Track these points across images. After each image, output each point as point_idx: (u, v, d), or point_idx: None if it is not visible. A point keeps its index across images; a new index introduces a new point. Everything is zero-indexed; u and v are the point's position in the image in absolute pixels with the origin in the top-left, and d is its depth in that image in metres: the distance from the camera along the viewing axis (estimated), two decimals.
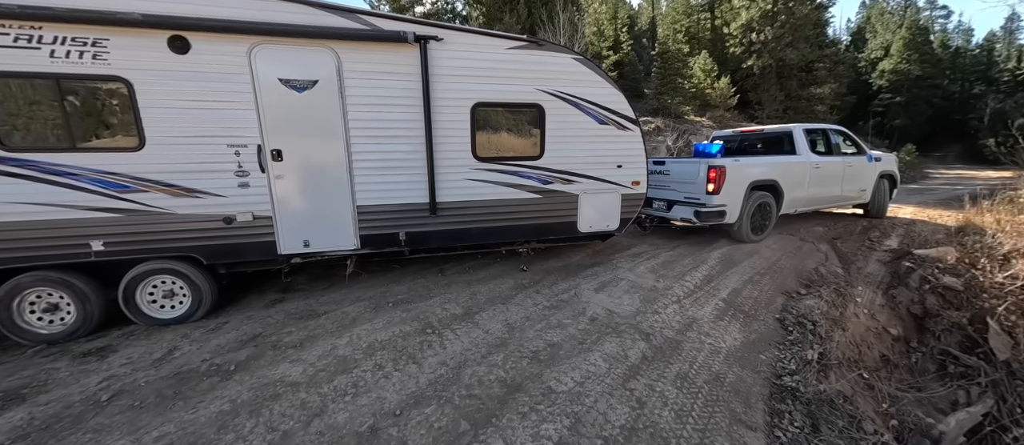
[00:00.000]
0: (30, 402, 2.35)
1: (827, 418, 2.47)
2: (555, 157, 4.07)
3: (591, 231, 4.44)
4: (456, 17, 18.53)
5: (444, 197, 3.79)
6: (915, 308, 3.98)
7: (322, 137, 3.37)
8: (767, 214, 5.53)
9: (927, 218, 7.38)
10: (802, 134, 5.88)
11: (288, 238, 3.43)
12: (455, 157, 3.76)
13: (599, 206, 4.37)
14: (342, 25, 3.23)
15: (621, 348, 2.90)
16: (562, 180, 4.15)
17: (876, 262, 5.03)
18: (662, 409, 2.30)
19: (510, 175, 3.96)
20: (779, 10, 18.39)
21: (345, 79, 3.31)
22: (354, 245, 3.65)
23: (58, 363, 2.78)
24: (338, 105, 3.34)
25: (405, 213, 3.73)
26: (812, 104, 19.46)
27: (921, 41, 28.77)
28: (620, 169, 4.33)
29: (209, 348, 2.93)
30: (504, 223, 4.09)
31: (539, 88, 3.86)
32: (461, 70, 3.61)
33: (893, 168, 7.17)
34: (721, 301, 3.74)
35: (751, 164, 5.43)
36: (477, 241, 4.14)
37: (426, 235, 3.87)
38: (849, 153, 6.46)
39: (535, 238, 4.47)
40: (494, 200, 3.96)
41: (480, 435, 2.07)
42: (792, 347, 3.12)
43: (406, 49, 3.40)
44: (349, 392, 2.40)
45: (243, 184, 3.21)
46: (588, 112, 4.07)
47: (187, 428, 2.11)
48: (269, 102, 3.18)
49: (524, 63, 3.78)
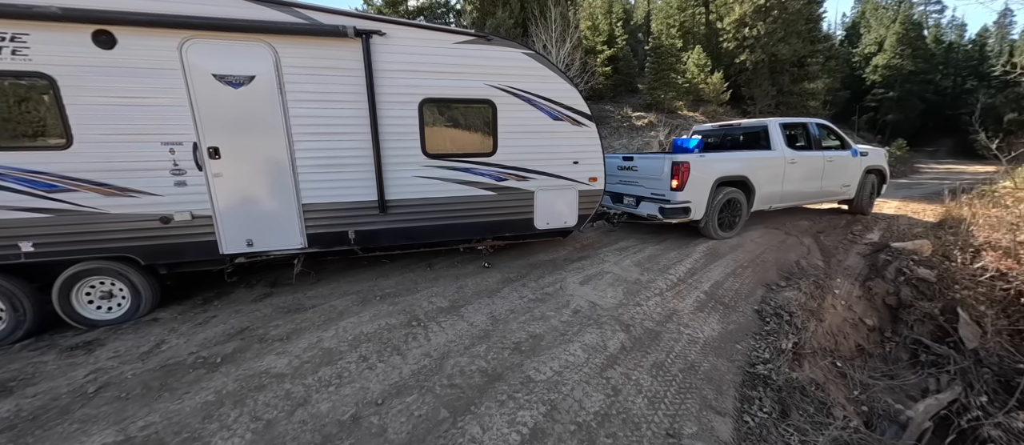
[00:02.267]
0: (17, 394, 2.40)
1: (798, 404, 2.56)
2: (508, 154, 4.04)
3: (548, 228, 4.43)
4: (450, 12, 18.43)
5: (393, 195, 3.75)
6: (890, 299, 4.09)
7: (262, 134, 3.30)
8: (737, 211, 5.46)
9: (910, 212, 7.51)
10: (778, 128, 5.77)
11: (230, 237, 3.37)
12: (404, 154, 3.71)
13: (556, 203, 4.36)
14: (278, 19, 3.14)
15: (601, 339, 2.98)
16: (516, 177, 4.13)
17: (856, 255, 5.14)
18: (636, 396, 2.38)
19: (462, 172, 3.93)
20: (772, 5, 18.44)
21: (284, 75, 3.25)
22: (301, 244, 3.60)
23: (46, 356, 2.82)
24: (278, 101, 3.27)
25: (353, 211, 3.68)
26: (805, 99, 19.58)
27: (915, 36, 28.93)
28: (577, 165, 4.31)
29: (196, 341, 2.98)
30: (458, 221, 4.06)
31: (490, 84, 3.82)
32: (407, 65, 3.55)
33: (881, 163, 7.05)
34: (702, 293, 3.83)
35: (718, 160, 5.35)
36: (430, 239, 4.12)
37: (376, 234, 3.83)
38: (832, 147, 6.39)
39: (491, 236, 4.47)
40: (446, 197, 3.93)
41: (458, 422, 2.14)
42: (768, 337, 3.20)
43: (347, 44, 3.33)
44: (333, 383, 2.46)
45: (180, 183, 3.14)
46: (541, 108, 4.04)
47: (172, 418, 2.16)
48: (203, 98, 3.10)
49: (473, 58, 3.73)
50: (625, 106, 17.76)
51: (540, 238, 4.92)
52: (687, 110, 17.94)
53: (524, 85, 3.93)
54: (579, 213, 4.48)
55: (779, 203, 5.90)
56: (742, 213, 5.48)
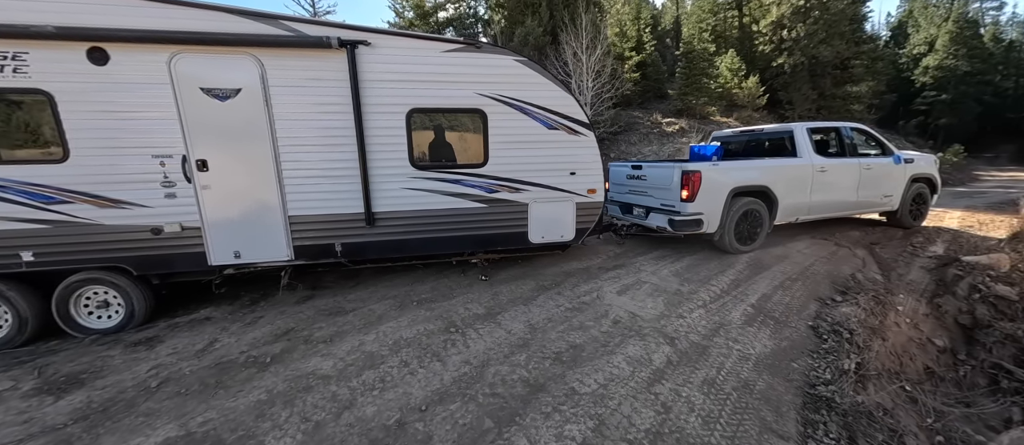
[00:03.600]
0: (88, 386, 2.55)
1: (865, 431, 2.36)
2: (500, 164, 3.92)
3: (544, 242, 4.26)
4: (478, 22, 18.73)
5: (381, 207, 3.69)
6: (963, 318, 3.74)
7: (249, 147, 3.30)
8: (757, 223, 5.02)
9: (977, 223, 6.90)
10: (805, 134, 5.30)
11: (218, 249, 3.37)
12: (391, 166, 3.65)
13: (551, 215, 4.18)
14: (263, 32, 3.15)
15: (645, 352, 2.87)
16: (509, 188, 3.99)
17: (919, 269, 4.75)
18: (688, 415, 2.26)
19: (452, 184, 3.83)
20: (813, 5, 17.64)
21: (270, 87, 3.24)
22: (288, 256, 3.56)
23: (112, 351, 2.99)
24: (264, 114, 3.27)
25: (340, 224, 3.62)
26: (847, 103, 18.54)
27: (970, 35, 26.92)
28: (573, 176, 4.14)
29: (246, 341, 3.09)
30: (448, 234, 3.95)
31: (479, 92, 3.72)
32: (394, 75, 3.50)
33: (930, 170, 6.31)
34: (750, 307, 3.63)
35: (734, 168, 4.95)
36: (420, 252, 4.03)
37: (364, 246, 3.76)
38: (871, 154, 5.84)
39: (482, 249, 4.32)
40: (435, 210, 3.84)
41: (504, 433, 2.10)
42: (827, 356, 2.99)
43: (332, 55, 3.30)
44: (376, 386, 2.48)
45: (170, 195, 3.18)
46: (535, 117, 3.90)
47: (228, 415, 2.23)
48: (192, 112, 3.13)
49: (462, 66, 3.65)
50: (655, 112, 17.41)
51: (536, 252, 4.73)
52: (720, 116, 17.39)
53: (516, 93, 3.81)
54: (577, 226, 4.29)
55: (807, 215, 5.43)
56: (763, 225, 5.05)
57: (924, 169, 6.21)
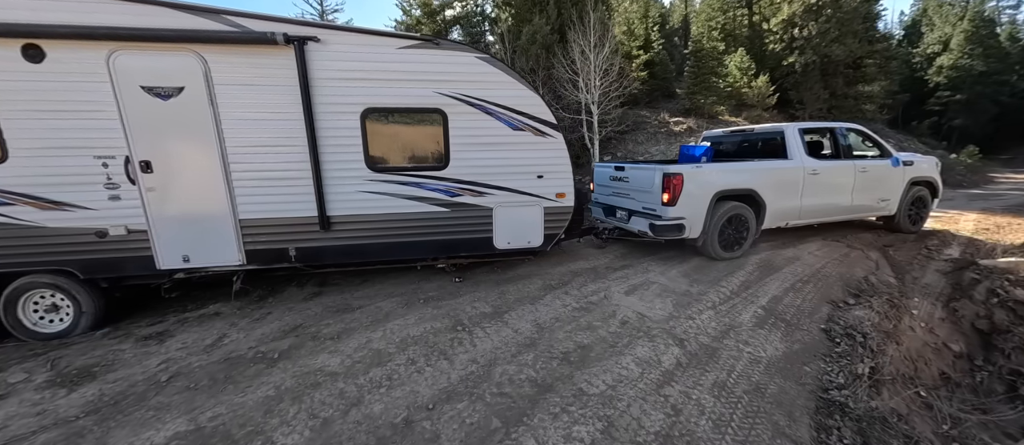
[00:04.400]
0: (100, 380, 2.57)
1: (880, 437, 2.31)
2: (463, 167, 3.76)
3: (510, 248, 4.09)
4: (486, 21, 18.68)
5: (336, 211, 3.54)
6: (981, 323, 3.65)
7: (194, 147, 3.18)
8: (743, 228, 4.78)
9: (994, 226, 6.75)
10: (796, 135, 5.03)
11: (166, 253, 3.25)
12: (346, 168, 3.50)
13: (518, 220, 4.01)
14: (205, 27, 3.01)
15: (654, 353, 2.84)
16: (472, 192, 3.83)
17: (935, 272, 4.65)
18: (699, 417, 2.23)
19: (411, 187, 3.68)
20: (825, 3, 17.34)
21: (215, 85, 3.11)
22: (239, 261, 3.43)
23: (123, 345, 3.03)
24: (209, 113, 3.13)
25: (294, 228, 3.50)
26: (860, 103, 18.23)
27: (986, 34, 26.37)
28: (541, 180, 3.97)
29: (255, 336, 3.11)
30: (408, 239, 3.80)
31: (439, 91, 3.56)
32: (347, 73, 3.35)
33: (931, 174, 5.97)
34: (760, 308, 3.58)
35: (718, 171, 4.71)
36: (379, 257, 3.89)
37: (319, 251, 3.62)
38: (867, 156, 5.59)
39: (446, 255, 4.13)
40: (395, 214, 3.69)
41: (512, 433, 2.08)
42: (840, 360, 2.94)
43: (280, 52, 3.16)
44: (384, 384, 2.48)
45: (114, 197, 3.07)
46: (498, 117, 3.73)
47: (237, 410, 2.24)
48: (133, 111, 3.00)
49: (420, 64, 3.49)
50: (662, 111, 17.28)
51: (503, 258, 4.55)
52: (729, 115, 17.21)
53: (478, 92, 3.64)
54: (545, 232, 4.12)
55: (798, 219, 5.19)
56: (749, 230, 4.82)
57: (924, 172, 5.91)
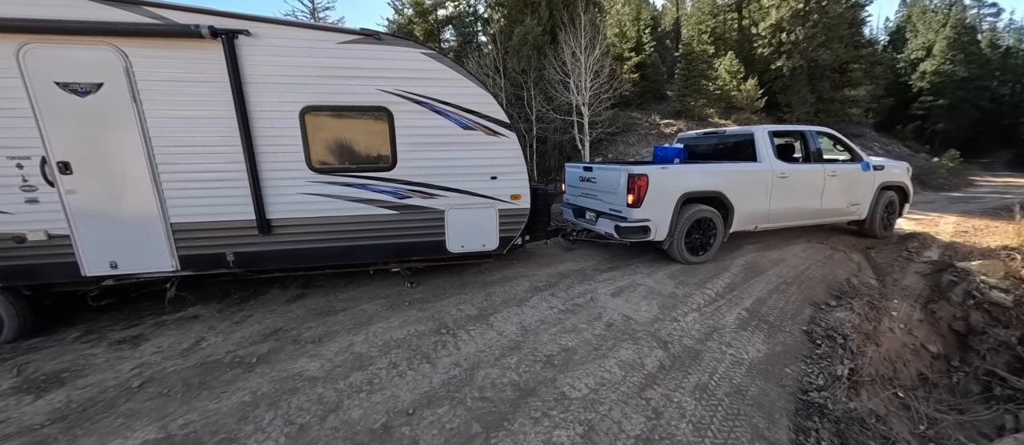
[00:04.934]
0: (69, 385, 2.50)
1: (858, 438, 2.33)
2: (411, 168, 3.63)
3: (464, 251, 3.97)
4: (478, 19, 18.64)
5: (276, 214, 3.39)
6: (957, 324, 3.73)
7: (117, 148, 2.99)
8: (710, 231, 4.75)
9: (971, 228, 6.91)
10: (766, 138, 4.99)
11: (91, 258, 3.07)
12: (285, 169, 3.35)
13: (471, 223, 3.90)
14: (122, 19, 2.82)
15: (638, 356, 2.84)
16: (422, 194, 3.70)
17: (914, 274, 4.74)
18: (680, 420, 2.23)
19: (357, 189, 3.54)
20: (812, 9, 17.63)
21: (137, 81, 2.93)
22: (173, 267, 3.26)
23: (96, 349, 2.94)
24: (132, 111, 2.95)
25: (230, 232, 3.34)
26: (846, 106, 18.55)
27: (967, 41, 27.04)
28: (495, 181, 3.86)
29: (233, 340, 3.04)
30: (356, 242, 3.66)
31: (383, 89, 3.42)
32: (283, 69, 3.20)
33: (902, 179, 5.99)
34: (744, 311, 3.61)
35: (684, 173, 4.69)
36: (325, 262, 3.77)
37: (260, 256, 3.47)
38: (838, 160, 5.60)
39: (397, 259, 4.00)
40: (340, 217, 3.54)
41: (491, 439, 2.06)
42: (820, 361, 2.97)
43: (208, 46, 2.99)
44: (364, 389, 2.44)
45: (31, 200, 2.90)
46: (448, 116, 3.61)
47: (210, 417, 2.18)
48: (48, 109, 2.82)
49: (362, 60, 3.34)
50: (653, 113, 17.41)
51: (457, 262, 4.44)
52: (718, 117, 17.39)
53: (425, 90, 3.52)
54: (500, 235, 4.01)
55: (767, 223, 5.14)
56: (717, 234, 4.78)
57: (894, 177, 5.93)
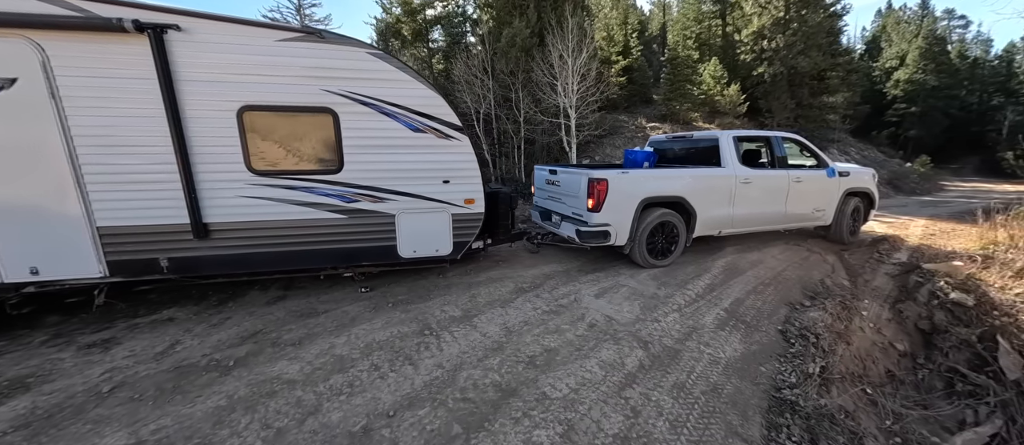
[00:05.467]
0: (35, 391, 2.41)
1: (827, 433, 2.42)
2: (359, 171, 3.51)
3: (416, 256, 3.90)
4: (466, 20, 18.62)
5: (214, 218, 3.26)
6: (923, 323, 3.89)
7: (35, 146, 2.82)
8: (673, 236, 4.75)
9: (939, 231, 7.22)
10: (730, 143, 5.00)
11: (9, 264, 2.92)
12: (222, 172, 3.21)
13: (423, 228, 3.82)
14: (37, 10, 2.67)
15: (619, 356, 2.88)
16: (371, 198, 3.60)
17: (884, 275, 4.93)
18: (657, 419, 2.28)
19: (301, 192, 3.41)
20: (791, 18, 18.18)
21: (56, 77, 2.78)
22: (100, 273, 3.10)
23: (64, 353, 2.84)
24: (50, 109, 2.79)
25: (163, 236, 3.19)
26: (824, 113, 19.16)
27: (938, 51, 28.21)
28: (447, 185, 3.78)
29: (210, 343, 2.98)
30: (301, 247, 3.54)
31: (327, 89, 3.30)
32: (218, 67, 3.06)
33: (867, 185, 6.01)
34: (723, 311, 3.70)
35: (645, 178, 4.66)
36: (269, 268, 3.60)
37: (196, 261, 3.33)
38: (805, 166, 5.63)
39: (346, 264, 3.89)
40: (283, 221, 3.42)
41: (471, 439, 2.07)
42: (794, 360, 3.07)
43: (134, 41, 2.83)
44: (344, 391, 2.42)
45: None
46: (397, 118, 3.51)
47: (184, 422, 2.14)
48: None
49: (304, 58, 3.22)
50: (639, 116, 17.65)
51: (412, 267, 4.30)
52: (703, 122, 17.74)
53: (372, 91, 3.40)
54: (454, 240, 3.94)
55: (731, 228, 5.16)
56: (679, 238, 4.78)
57: (860, 183, 5.93)
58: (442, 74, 17.09)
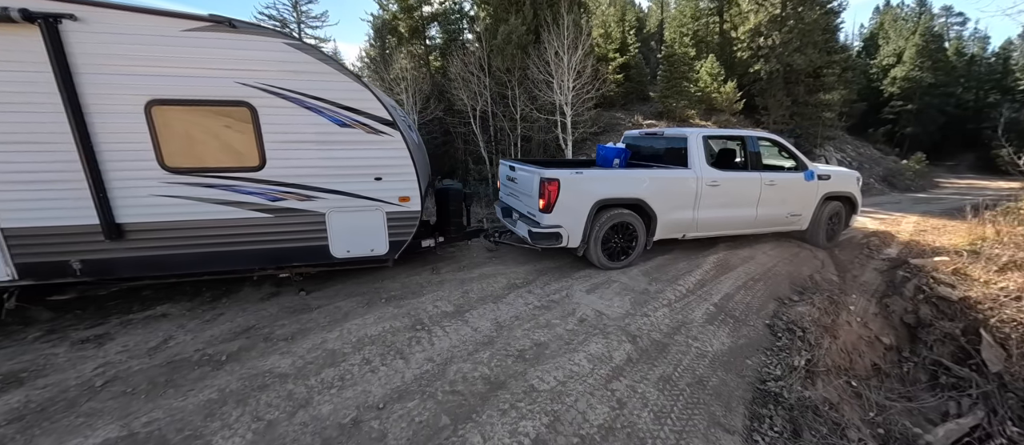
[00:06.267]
0: (28, 385, 2.44)
1: (810, 424, 2.47)
2: (283, 168, 3.38)
3: (351, 256, 3.76)
4: (463, 17, 18.58)
5: (128, 218, 3.12)
6: (908, 318, 3.95)
7: None
8: (631, 238, 4.56)
9: (930, 228, 7.29)
10: (698, 142, 4.75)
11: None
12: (133, 170, 3.07)
13: (356, 227, 3.69)
14: None
15: (607, 349, 2.93)
16: (298, 196, 3.46)
17: (873, 270, 4.99)
18: (641, 410, 2.32)
19: (222, 190, 3.27)
20: (788, 15, 18.18)
21: None
22: (8, 276, 3.00)
23: (57, 349, 2.87)
24: None
25: (73, 238, 3.06)
26: (820, 110, 19.20)
27: (935, 48, 28.30)
28: (380, 182, 3.65)
29: (203, 338, 3.01)
30: (225, 248, 3.41)
31: (242, 81, 3.14)
32: (121, 58, 2.90)
33: (849, 188, 5.65)
34: (712, 306, 3.74)
35: (600, 178, 4.41)
36: (192, 269, 3.47)
37: (112, 263, 3.21)
38: (784, 167, 5.36)
39: (275, 265, 3.74)
40: (204, 221, 3.29)
41: (459, 430, 2.11)
42: (780, 353, 3.11)
43: (24, 31, 2.68)
44: (335, 385, 2.45)
45: None
46: (322, 112, 3.36)
47: (175, 415, 2.17)
48: None
49: (215, 49, 3.06)
50: (636, 114, 17.68)
51: (351, 267, 4.13)
52: (699, 119, 17.77)
53: (293, 84, 3.25)
54: (391, 239, 3.80)
55: (696, 232, 4.94)
56: (638, 240, 4.59)
57: (841, 187, 5.58)
58: (439, 71, 17.06)
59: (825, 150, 18.58)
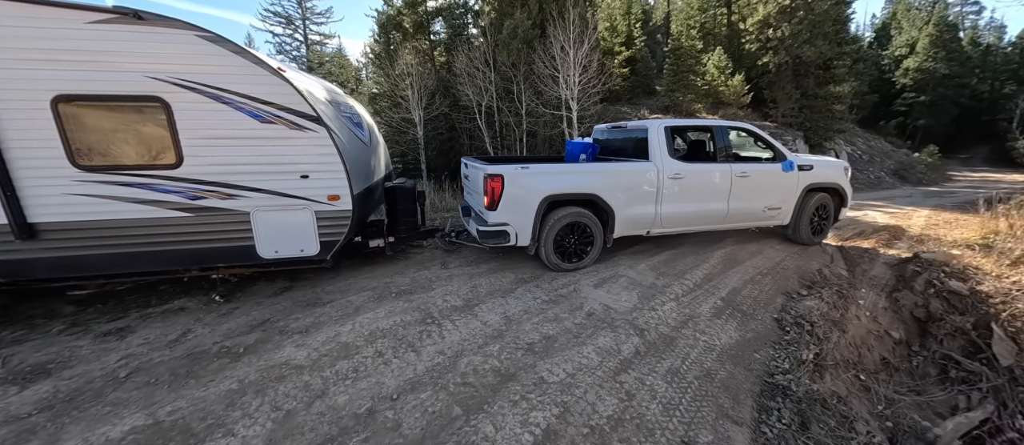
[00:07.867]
0: (55, 376, 2.53)
1: (818, 417, 2.49)
2: (202, 166, 3.25)
3: (280, 257, 3.63)
4: (468, 12, 18.51)
5: (39, 217, 3.02)
6: (918, 312, 3.93)
7: None
8: (587, 237, 4.38)
9: (941, 222, 7.20)
10: (660, 134, 4.50)
11: None
12: (42, 167, 2.96)
13: (283, 227, 3.56)
14: None
15: (615, 342, 2.96)
16: (219, 195, 3.34)
17: (883, 265, 4.96)
18: (650, 402, 2.36)
19: (138, 188, 3.16)
20: (798, 5, 17.88)
21: None
22: None
23: (81, 341, 2.97)
24: None
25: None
26: (830, 103, 18.92)
27: (949, 38, 27.69)
28: (307, 180, 3.51)
29: (220, 331, 3.09)
30: (144, 249, 3.30)
31: (153, 76, 3.02)
32: (20, 51, 2.80)
33: (835, 179, 5.24)
34: (720, 300, 3.76)
35: (547, 174, 4.22)
36: (113, 270, 3.37)
37: (24, 264, 3.11)
38: (760, 158, 5.06)
39: (199, 266, 3.61)
40: (120, 220, 3.18)
41: (471, 420, 2.16)
42: (788, 347, 3.13)
43: None
44: (350, 376, 2.52)
45: None
46: (241, 108, 3.24)
47: (198, 404, 2.25)
48: None
49: (121, 42, 2.94)
50: (642, 108, 17.57)
51: (276, 268, 3.96)
52: (706, 112, 17.62)
53: (207, 78, 3.13)
54: (322, 239, 3.66)
55: (661, 228, 4.68)
56: (595, 239, 4.40)
57: (826, 178, 5.19)
58: (444, 67, 17.05)
59: (835, 143, 18.33)
